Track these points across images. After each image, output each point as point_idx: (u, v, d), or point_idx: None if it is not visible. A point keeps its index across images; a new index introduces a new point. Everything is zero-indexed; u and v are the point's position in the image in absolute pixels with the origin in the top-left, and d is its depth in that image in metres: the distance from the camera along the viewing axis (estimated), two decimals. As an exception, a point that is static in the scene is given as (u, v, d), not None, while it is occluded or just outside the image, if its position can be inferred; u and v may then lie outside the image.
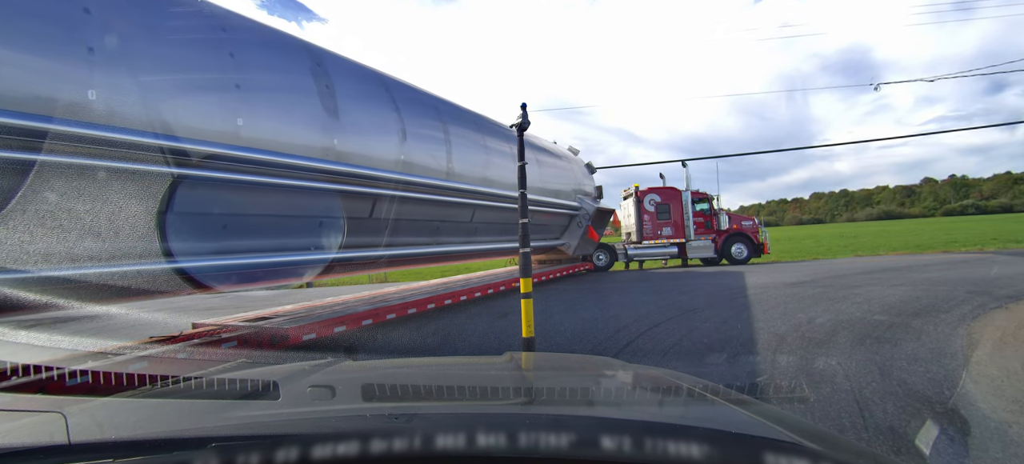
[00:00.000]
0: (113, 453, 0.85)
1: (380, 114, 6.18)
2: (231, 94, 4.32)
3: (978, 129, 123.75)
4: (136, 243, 3.64)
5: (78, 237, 3.29)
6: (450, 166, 7.41)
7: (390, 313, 6.22)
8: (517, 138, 5.12)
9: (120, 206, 3.50)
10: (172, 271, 3.92)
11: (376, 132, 6.05)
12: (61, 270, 3.22)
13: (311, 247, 5.28)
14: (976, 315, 5.96)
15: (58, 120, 3.13)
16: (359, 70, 6.40)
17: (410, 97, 7.06)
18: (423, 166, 6.79)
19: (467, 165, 7.92)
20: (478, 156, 8.41)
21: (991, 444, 2.76)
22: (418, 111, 7.03)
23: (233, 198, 4.42)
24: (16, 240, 3.02)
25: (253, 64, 4.69)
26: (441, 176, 7.17)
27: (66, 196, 3.22)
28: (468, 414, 1.04)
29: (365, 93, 6.12)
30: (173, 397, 1.38)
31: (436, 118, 7.44)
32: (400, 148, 6.35)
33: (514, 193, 9.07)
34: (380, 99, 6.29)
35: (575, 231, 12.88)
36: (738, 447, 0.82)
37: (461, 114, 8.52)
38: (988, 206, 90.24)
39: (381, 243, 6.27)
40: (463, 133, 8.07)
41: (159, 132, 3.70)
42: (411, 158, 6.51)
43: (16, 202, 2.99)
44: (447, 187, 7.28)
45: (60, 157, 3.16)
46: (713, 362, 4.69)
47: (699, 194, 16.64)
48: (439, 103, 7.90)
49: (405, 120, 6.51)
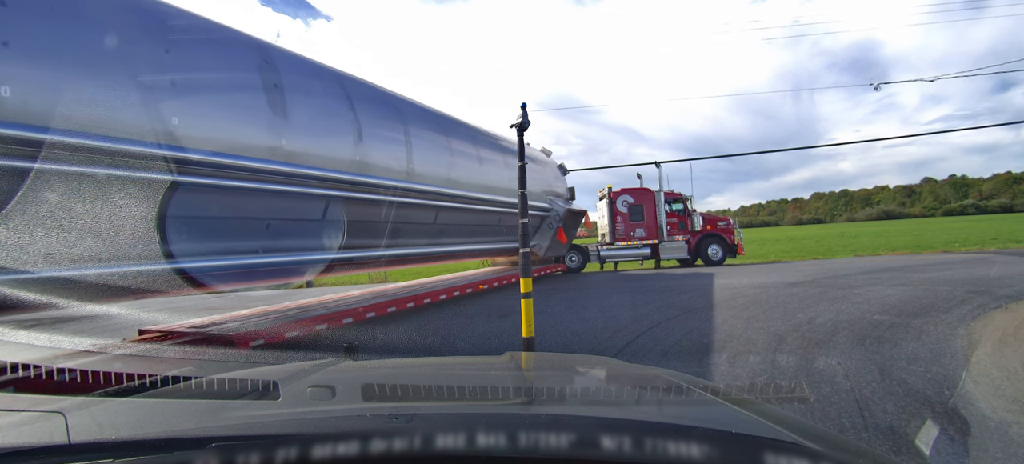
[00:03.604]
0: (113, 453, 0.85)
1: (334, 113, 6.03)
2: (165, 92, 4.15)
3: (984, 128, 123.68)
4: (73, 243, 3.48)
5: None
6: (411, 167, 7.26)
7: (347, 317, 6.05)
8: (517, 138, 5.14)
9: (34, 202, 3.34)
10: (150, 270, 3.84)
11: (329, 132, 5.89)
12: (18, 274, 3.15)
13: (259, 250, 5.09)
14: (976, 315, 5.96)
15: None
16: (312, 67, 6.26)
17: (368, 96, 6.92)
18: (381, 167, 6.64)
19: (430, 166, 7.76)
20: (442, 157, 8.25)
21: (991, 444, 2.76)
22: (376, 110, 6.90)
23: (175, 198, 4.20)
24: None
25: (192, 61, 4.49)
26: (400, 177, 7.02)
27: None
28: (468, 414, 1.04)
29: (318, 92, 5.97)
30: (173, 397, 1.38)
31: (396, 118, 7.29)
32: (355, 148, 6.19)
33: (479, 195, 9.11)
34: (335, 98, 6.15)
35: (546, 233, 12.76)
36: (738, 447, 0.82)
37: (424, 114, 8.38)
38: (988, 206, 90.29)
39: (337, 245, 6.11)
40: (426, 134, 7.93)
41: (85, 131, 3.52)
42: (367, 158, 6.35)
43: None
44: (407, 188, 7.12)
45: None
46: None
47: (673, 194, 16.59)
48: (400, 102, 7.76)
49: (362, 119, 6.37)
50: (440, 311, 8.29)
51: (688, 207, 16.53)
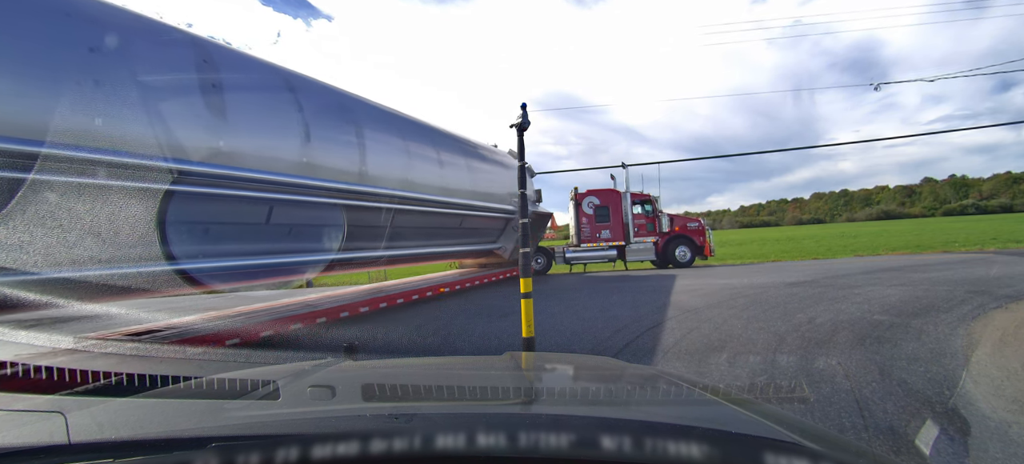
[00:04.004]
0: (113, 453, 0.85)
1: (279, 114, 5.88)
2: (88, 91, 3.98)
3: (984, 128, 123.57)
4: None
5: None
6: (363, 169, 7.11)
7: (296, 323, 5.93)
8: (517, 137, 5.14)
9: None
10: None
11: (273, 133, 5.72)
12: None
13: (201, 255, 4.95)
14: (976, 315, 5.96)
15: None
16: (256, 66, 6.09)
17: (318, 97, 6.77)
18: (331, 169, 6.49)
19: (384, 168, 7.62)
20: (398, 159, 8.09)
21: (991, 444, 2.76)
22: (326, 111, 6.76)
23: (92, 206, 4.02)
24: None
25: (120, 59, 4.32)
26: (352, 179, 6.87)
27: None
28: (468, 414, 1.04)
29: (262, 91, 5.80)
30: (173, 397, 1.38)
31: (348, 119, 7.14)
32: (302, 150, 6.03)
33: (437, 197, 9.01)
34: (281, 99, 5.99)
35: (511, 235, 12.73)
36: (738, 447, 0.82)
37: (380, 115, 8.23)
38: (988, 206, 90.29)
39: (283, 249, 6.00)
40: (380, 136, 7.77)
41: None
42: (315, 160, 6.20)
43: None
44: (360, 191, 6.97)
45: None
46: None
47: (640, 195, 16.54)
48: (353, 103, 7.60)
49: (310, 121, 6.20)
50: (440, 311, 8.30)
51: (656, 208, 16.49)
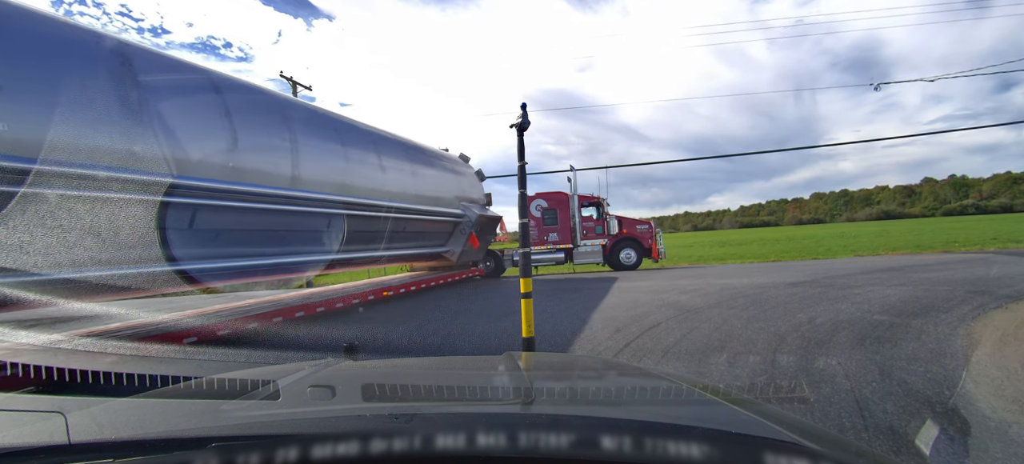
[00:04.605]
0: (113, 453, 0.85)
1: (204, 119, 5.83)
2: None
3: (984, 128, 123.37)
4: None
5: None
6: (296, 173, 7.02)
7: (190, 336, 5.68)
8: (517, 137, 5.12)
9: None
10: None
11: (196, 137, 5.66)
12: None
13: (113, 261, 4.80)
14: (976, 315, 5.96)
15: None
16: (181, 69, 6.00)
17: (248, 101, 6.67)
18: (262, 173, 6.43)
19: (320, 173, 7.56)
20: (336, 164, 8.00)
21: (991, 444, 2.76)
22: (257, 115, 6.68)
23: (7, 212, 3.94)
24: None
25: (20, 63, 4.23)
26: (284, 184, 6.79)
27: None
28: (468, 414, 1.04)
29: (187, 95, 5.74)
30: (173, 397, 1.38)
31: (281, 124, 7.08)
32: (229, 155, 5.97)
33: (379, 201, 8.94)
34: (206, 103, 5.93)
35: (459, 238, 12.76)
36: (738, 447, 0.82)
37: (316, 118, 8.15)
38: (988, 206, 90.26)
39: (210, 254, 5.91)
40: (315, 140, 7.69)
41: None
42: (244, 164, 6.13)
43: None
44: (291, 196, 6.86)
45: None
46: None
47: (588, 198, 16.75)
48: (288, 107, 7.51)
49: (238, 125, 6.15)
50: (440, 311, 8.30)
51: (604, 211, 16.71)
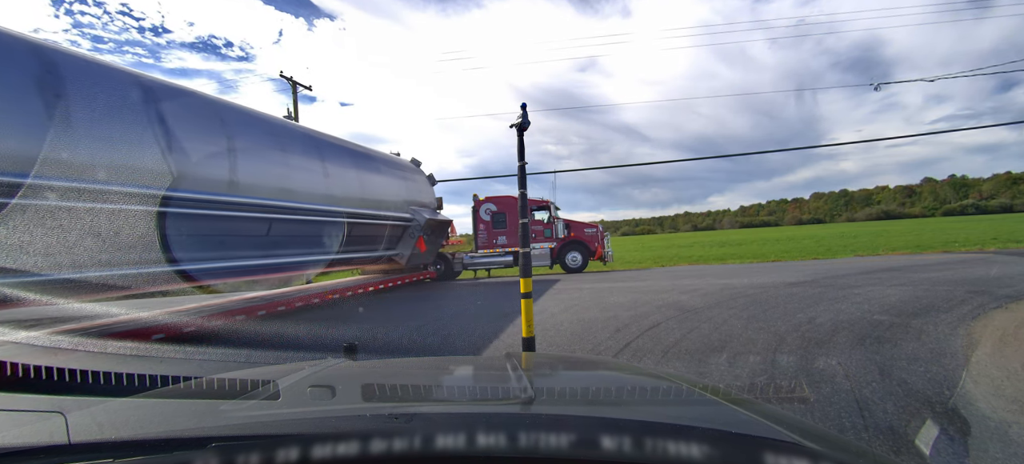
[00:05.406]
0: (113, 453, 0.85)
1: (133, 124, 5.75)
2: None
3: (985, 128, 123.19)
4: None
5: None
6: (234, 178, 7.00)
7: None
8: (517, 138, 5.12)
9: None
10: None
11: (127, 143, 5.57)
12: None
13: (50, 267, 4.73)
14: (976, 315, 5.96)
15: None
16: (107, 75, 5.89)
17: (183, 105, 6.62)
18: (200, 178, 6.41)
19: (259, 177, 7.54)
20: (274, 168, 7.98)
21: (991, 444, 2.76)
22: (193, 120, 6.66)
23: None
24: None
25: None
26: (221, 189, 6.78)
27: None
28: (468, 414, 1.04)
29: (113, 100, 5.63)
30: (173, 397, 1.38)
31: (219, 129, 7.04)
32: (164, 160, 5.90)
33: (318, 205, 8.97)
34: (134, 108, 5.84)
35: (408, 242, 12.85)
36: (738, 447, 0.82)
37: (256, 123, 8.09)
38: (988, 206, 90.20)
39: (148, 259, 5.83)
40: (254, 145, 7.67)
41: None
42: (182, 170, 6.10)
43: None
44: (228, 201, 6.85)
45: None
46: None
47: (539, 202, 17.16)
48: (225, 111, 7.44)
49: (173, 130, 6.12)
50: (440, 311, 8.29)
51: (553, 214, 17.11)
